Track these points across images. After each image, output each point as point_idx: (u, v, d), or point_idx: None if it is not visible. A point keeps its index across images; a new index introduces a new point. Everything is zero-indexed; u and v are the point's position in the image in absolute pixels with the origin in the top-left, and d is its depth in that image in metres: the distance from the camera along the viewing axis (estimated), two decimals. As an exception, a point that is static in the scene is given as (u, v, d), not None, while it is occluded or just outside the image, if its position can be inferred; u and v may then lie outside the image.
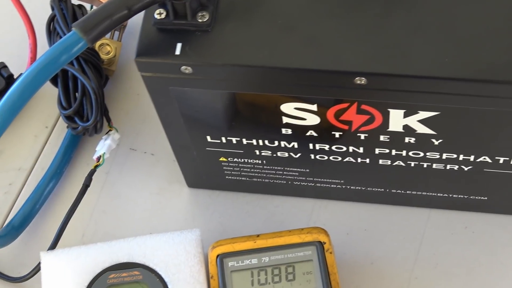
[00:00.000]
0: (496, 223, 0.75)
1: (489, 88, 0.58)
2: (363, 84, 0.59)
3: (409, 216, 0.76)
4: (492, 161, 0.67)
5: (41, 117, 0.84)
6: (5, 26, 0.88)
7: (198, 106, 0.66)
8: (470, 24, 0.59)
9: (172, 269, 0.70)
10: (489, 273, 0.73)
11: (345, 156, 0.70)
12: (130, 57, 0.85)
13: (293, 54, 0.59)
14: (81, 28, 0.58)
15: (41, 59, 0.59)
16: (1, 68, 0.82)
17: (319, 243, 0.70)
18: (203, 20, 0.61)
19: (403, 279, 0.74)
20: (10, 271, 0.76)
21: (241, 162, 0.73)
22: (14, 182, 0.81)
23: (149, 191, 0.80)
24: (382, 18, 0.60)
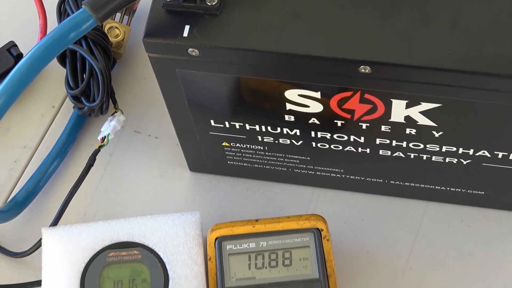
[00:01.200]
0: (492, 218, 0.75)
1: (492, 81, 0.58)
2: (367, 73, 0.59)
3: (406, 208, 0.76)
4: (491, 155, 0.67)
5: (48, 96, 0.84)
6: (16, 6, 0.87)
7: (203, 89, 0.65)
8: (476, 18, 0.59)
9: (171, 249, 0.70)
10: (483, 267, 0.73)
11: (346, 145, 0.69)
12: (138, 42, 0.85)
13: (300, 41, 0.59)
14: (91, 5, 0.58)
15: (50, 35, 0.58)
16: (11, 47, 0.82)
17: (316, 230, 0.69)
18: (212, 3, 0.60)
19: (398, 269, 0.73)
20: (12, 246, 0.76)
21: (243, 147, 0.72)
22: (19, 159, 0.81)
23: (151, 173, 0.79)
24: (389, 10, 0.59)
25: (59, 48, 0.59)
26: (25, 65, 0.59)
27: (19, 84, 0.59)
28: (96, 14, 0.58)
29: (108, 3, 0.58)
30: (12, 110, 0.61)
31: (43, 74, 0.67)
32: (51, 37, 0.58)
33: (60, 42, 0.58)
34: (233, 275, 0.68)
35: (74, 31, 0.58)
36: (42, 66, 0.59)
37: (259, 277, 0.68)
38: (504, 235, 0.74)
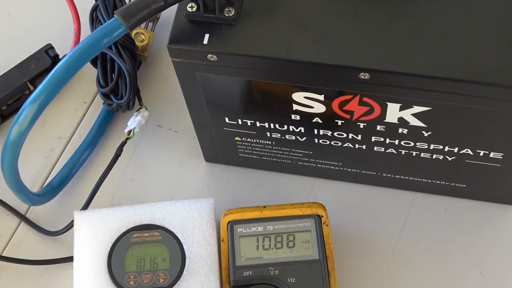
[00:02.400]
0: (472, 207, 0.74)
1: (477, 89, 0.57)
2: (366, 79, 0.59)
3: (396, 197, 0.75)
4: (473, 153, 0.66)
5: (81, 93, 0.83)
6: (53, 12, 0.87)
7: (219, 90, 0.65)
8: (465, 31, 0.58)
9: (187, 231, 0.69)
10: (464, 251, 0.73)
11: (345, 142, 0.69)
12: (161, 46, 0.84)
13: (307, 49, 0.59)
14: (122, 15, 0.57)
15: (86, 41, 0.58)
16: (49, 49, 0.81)
17: (317, 216, 0.69)
18: (229, 15, 0.60)
19: (388, 251, 0.73)
20: (47, 225, 0.76)
21: (253, 142, 0.72)
22: (54, 148, 0.80)
23: (171, 163, 0.79)
24: (387, 22, 0.59)
25: (93, 52, 0.58)
26: (63, 67, 0.58)
27: (57, 83, 0.59)
28: (127, 23, 0.57)
29: (137, 13, 0.57)
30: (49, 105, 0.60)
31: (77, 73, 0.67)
32: (86, 42, 0.58)
33: (94, 47, 0.58)
34: (243, 255, 0.68)
35: (106, 37, 0.58)
36: (78, 68, 0.59)
37: (266, 257, 0.67)
38: (482, 223, 0.74)
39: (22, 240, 0.75)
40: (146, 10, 0.57)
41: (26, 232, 0.76)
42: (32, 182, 0.78)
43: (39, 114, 0.59)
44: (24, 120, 0.59)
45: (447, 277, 0.71)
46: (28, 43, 0.83)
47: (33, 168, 0.79)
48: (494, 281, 0.71)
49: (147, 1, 0.57)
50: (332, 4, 0.60)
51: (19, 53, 0.82)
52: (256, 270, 0.67)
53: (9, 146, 0.60)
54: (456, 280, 0.71)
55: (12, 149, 0.60)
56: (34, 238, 0.75)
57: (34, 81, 0.80)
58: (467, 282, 0.71)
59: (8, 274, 0.74)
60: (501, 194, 0.73)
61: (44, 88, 0.58)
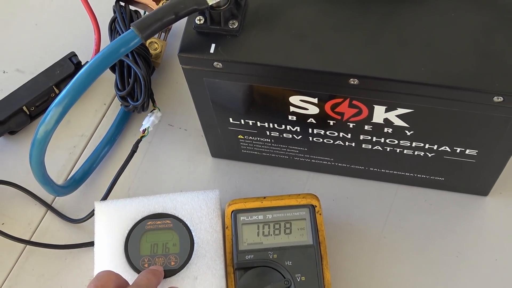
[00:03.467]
0: (450, 198, 0.74)
1: (455, 93, 0.57)
2: (355, 84, 0.58)
3: (382, 189, 0.75)
4: (451, 150, 0.66)
5: (101, 96, 0.83)
6: (76, 24, 0.86)
7: (224, 94, 0.64)
8: (444, 42, 0.58)
9: (196, 220, 0.69)
10: (442, 237, 0.72)
11: (336, 140, 0.68)
12: (173, 54, 0.83)
13: (302, 57, 0.58)
14: (138, 27, 0.57)
15: (105, 50, 0.58)
16: (72, 56, 0.81)
17: (311, 206, 0.69)
18: (233, 26, 0.59)
19: (374, 237, 0.73)
20: (71, 214, 0.76)
21: (254, 139, 0.72)
22: (77, 145, 0.80)
23: (181, 158, 0.78)
24: (374, 33, 0.59)
25: (112, 60, 0.58)
26: (85, 73, 0.58)
27: (79, 88, 0.58)
28: (142, 34, 0.57)
29: (152, 25, 0.57)
30: (72, 107, 0.60)
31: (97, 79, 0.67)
32: (105, 51, 0.57)
33: (112, 55, 0.58)
34: (245, 240, 0.67)
35: (123, 47, 0.57)
36: (98, 74, 0.58)
37: (266, 242, 0.67)
38: (459, 212, 0.73)
39: (48, 227, 0.75)
40: (159, 22, 0.57)
41: (52, 220, 0.75)
42: (57, 175, 0.78)
43: (63, 115, 0.59)
44: (50, 121, 0.59)
45: (427, 260, 0.71)
46: (54, 51, 0.83)
47: (59, 163, 0.79)
48: (469, 264, 0.71)
49: (159, 15, 0.57)
50: (325, 17, 0.60)
51: (46, 60, 0.82)
52: (257, 254, 0.66)
53: (37, 144, 0.60)
54: (435, 262, 0.71)
55: (39, 147, 0.60)
56: (59, 225, 0.75)
57: (59, 85, 0.80)
58: (445, 264, 0.71)
59: (36, 257, 0.73)
60: (476, 186, 0.72)
61: (67, 93, 0.58)
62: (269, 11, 0.60)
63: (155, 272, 0.64)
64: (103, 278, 0.59)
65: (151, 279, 0.62)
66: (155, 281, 0.62)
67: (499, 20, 0.58)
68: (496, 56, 0.57)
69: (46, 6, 0.89)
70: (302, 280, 0.65)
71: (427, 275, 0.70)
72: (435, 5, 0.59)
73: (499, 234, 0.72)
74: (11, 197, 0.76)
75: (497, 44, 0.57)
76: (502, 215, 0.73)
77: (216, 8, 0.58)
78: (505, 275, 0.70)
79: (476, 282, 0.70)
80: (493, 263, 0.70)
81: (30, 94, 0.79)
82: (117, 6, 0.79)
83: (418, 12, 0.59)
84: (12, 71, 0.85)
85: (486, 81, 0.56)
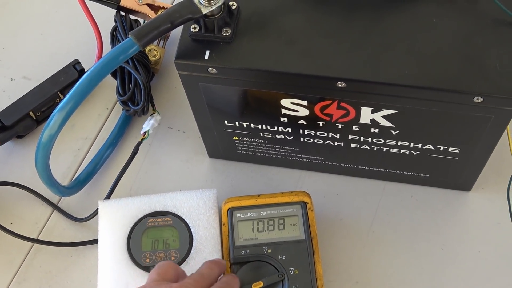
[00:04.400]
0: (435, 194, 0.74)
1: (437, 94, 0.57)
2: (342, 87, 0.58)
3: (370, 186, 0.75)
4: (435, 148, 0.66)
5: (103, 101, 0.82)
6: (79, 33, 0.86)
7: (219, 98, 0.64)
8: (426, 46, 0.58)
9: (194, 217, 0.69)
10: (427, 231, 0.72)
11: (326, 140, 0.68)
12: (171, 60, 0.83)
13: (292, 62, 0.58)
14: (136, 35, 0.57)
15: (105, 58, 0.57)
16: (76, 64, 0.81)
17: (303, 203, 0.69)
18: (226, 34, 0.59)
19: (364, 231, 0.72)
20: (76, 213, 0.75)
21: (249, 140, 0.71)
22: (81, 147, 0.80)
23: (180, 159, 0.78)
24: (361, 39, 0.59)
25: (111, 67, 0.58)
26: (87, 80, 0.58)
27: (81, 94, 0.58)
28: (139, 42, 0.57)
29: (149, 33, 0.57)
30: (76, 111, 0.60)
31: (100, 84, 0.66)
32: (105, 59, 0.57)
33: (112, 63, 0.58)
34: (241, 236, 0.67)
35: (122, 55, 0.57)
36: (99, 81, 0.58)
37: (260, 238, 0.67)
38: (443, 206, 0.73)
39: (54, 226, 0.75)
40: (156, 31, 0.57)
41: (58, 219, 0.75)
42: (62, 176, 0.77)
43: (66, 120, 0.59)
44: (54, 125, 0.59)
45: (413, 253, 0.71)
46: (59, 59, 0.83)
47: (64, 165, 0.78)
48: (453, 256, 0.70)
49: (156, 24, 0.56)
50: (314, 24, 0.60)
51: (51, 67, 0.82)
52: (252, 249, 0.66)
53: (41, 147, 0.60)
54: (421, 255, 0.71)
55: (44, 150, 0.60)
56: (65, 224, 0.75)
57: (63, 91, 0.80)
58: (430, 257, 0.70)
59: (43, 254, 0.73)
60: (459, 182, 0.72)
61: (70, 98, 0.58)
62: (260, 19, 0.60)
63: (217, 262, 0.62)
64: (164, 266, 0.58)
65: (214, 269, 0.61)
66: (217, 271, 0.61)
67: (478, 25, 0.58)
68: (475, 59, 0.56)
69: (51, 16, 0.89)
70: (295, 273, 0.65)
71: (414, 267, 0.70)
72: (417, 11, 0.59)
73: (482, 227, 0.72)
74: (19, 198, 0.76)
75: (476, 47, 0.57)
76: (485, 209, 0.73)
77: (210, 16, 0.58)
78: (487, 266, 0.70)
79: (460, 273, 0.70)
80: (476, 255, 0.70)
81: (36, 100, 0.78)
82: (117, 15, 0.79)
83: (401, 18, 0.59)
84: (19, 78, 0.84)
85: (466, 82, 0.56)
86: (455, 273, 0.70)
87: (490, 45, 0.57)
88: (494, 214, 0.72)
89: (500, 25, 0.58)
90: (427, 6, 0.59)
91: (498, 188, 0.73)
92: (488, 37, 0.57)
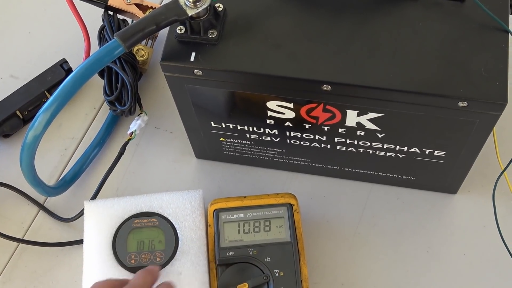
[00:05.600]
0: (421, 196, 0.74)
1: (421, 98, 0.57)
2: (328, 90, 0.58)
3: (356, 188, 0.75)
4: (420, 152, 0.66)
5: (91, 101, 0.82)
6: (67, 32, 0.86)
7: (205, 99, 0.64)
8: (411, 50, 0.58)
9: (180, 218, 0.69)
10: (414, 233, 0.72)
11: (312, 142, 0.68)
12: (159, 60, 0.82)
13: (278, 65, 0.58)
14: (121, 37, 0.57)
15: (90, 59, 0.57)
16: (63, 63, 0.81)
17: (289, 205, 0.69)
18: (212, 36, 0.59)
19: (349, 233, 0.73)
20: (62, 213, 0.75)
21: (235, 142, 0.71)
22: (68, 147, 0.80)
23: (167, 159, 0.78)
24: (346, 43, 0.59)
25: (97, 68, 0.58)
26: (72, 81, 0.58)
27: (66, 94, 0.58)
28: (125, 44, 0.57)
29: (134, 35, 0.57)
30: (63, 110, 0.59)
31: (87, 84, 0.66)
32: (90, 59, 0.57)
33: (97, 63, 0.57)
34: (226, 237, 0.67)
35: (107, 56, 0.57)
36: (84, 81, 0.58)
37: (246, 240, 0.67)
38: (429, 209, 0.73)
39: (40, 226, 0.75)
40: (141, 33, 0.57)
41: (44, 219, 0.75)
42: (49, 176, 0.77)
43: (51, 120, 0.59)
44: (38, 126, 0.58)
45: (399, 255, 0.71)
46: (46, 58, 0.82)
47: (50, 164, 0.78)
48: (438, 259, 0.71)
49: (141, 26, 0.56)
50: (299, 27, 0.60)
51: (38, 66, 0.82)
52: (238, 251, 0.66)
53: (26, 148, 0.60)
54: (407, 257, 0.71)
55: (29, 151, 0.60)
56: (51, 224, 0.75)
57: (50, 90, 0.80)
58: (416, 259, 0.71)
59: (29, 254, 0.73)
60: (445, 185, 0.72)
61: (54, 99, 0.58)
62: (246, 21, 0.60)
63: (151, 271, 0.62)
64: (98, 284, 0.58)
65: (147, 278, 0.60)
66: (150, 280, 0.61)
67: (463, 29, 0.58)
68: (460, 63, 0.57)
69: (39, 15, 0.89)
70: (280, 275, 0.65)
71: (399, 269, 0.70)
72: (403, 15, 0.59)
73: (467, 230, 0.72)
74: (5, 197, 0.76)
75: (461, 52, 0.57)
76: (470, 212, 0.73)
77: (195, 18, 0.58)
78: (473, 269, 0.70)
79: (446, 275, 0.70)
80: (461, 257, 0.71)
81: (23, 99, 0.78)
82: (105, 15, 0.79)
83: (387, 22, 0.59)
84: (6, 77, 0.84)
85: (451, 87, 0.56)
86: (440, 276, 0.70)
87: (476, 49, 0.57)
88: (479, 217, 0.72)
89: (486, 30, 0.58)
90: (413, 10, 0.60)
91: (484, 191, 0.73)
92: (474, 42, 0.58)
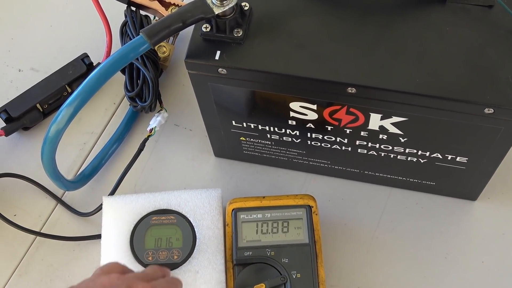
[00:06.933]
0: (440, 202, 0.74)
1: (446, 104, 0.57)
2: (353, 93, 0.58)
3: (375, 192, 0.75)
4: (442, 157, 0.66)
5: (111, 96, 0.82)
6: (89, 26, 0.86)
7: (228, 98, 0.64)
8: (438, 55, 0.58)
9: (198, 216, 0.69)
10: (431, 239, 0.72)
11: (333, 144, 0.68)
12: (180, 57, 0.83)
13: (302, 66, 0.58)
14: (147, 34, 0.57)
15: (115, 55, 0.58)
16: (84, 57, 0.81)
17: (308, 206, 0.69)
18: (238, 35, 0.59)
19: (367, 237, 0.72)
20: (80, 207, 0.75)
21: (256, 141, 0.71)
22: (87, 142, 0.80)
23: (186, 157, 0.78)
24: (371, 44, 0.59)
25: (122, 64, 0.58)
26: (96, 76, 0.58)
27: (90, 90, 0.59)
28: (150, 40, 0.57)
29: (160, 32, 0.57)
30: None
31: (107, 79, 0.67)
32: (115, 55, 0.57)
33: (122, 59, 0.58)
34: (244, 237, 0.67)
35: (133, 52, 0.57)
36: (108, 77, 0.58)
37: (264, 240, 0.67)
38: (447, 215, 0.73)
39: (58, 220, 0.75)
40: (167, 30, 0.57)
41: (62, 213, 0.75)
42: (68, 170, 0.78)
43: (74, 115, 0.59)
44: (61, 120, 0.59)
45: (417, 261, 0.71)
46: (67, 52, 0.83)
47: (69, 158, 0.78)
48: (456, 265, 0.70)
49: (168, 23, 0.56)
50: (325, 28, 0.60)
51: (60, 60, 0.82)
52: (255, 251, 0.66)
53: (48, 141, 0.60)
54: (425, 263, 0.71)
55: (51, 144, 0.60)
56: (68, 218, 0.75)
57: (71, 84, 0.80)
58: (434, 265, 0.70)
59: (46, 248, 0.73)
60: (465, 191, 0.72)
61: (78, 94, 0.58)
62: (272, 21, 0.60)
63: (162, 268, 0.62)
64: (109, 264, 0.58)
65: (157, 271, 0.61)
66: (160, 274, 0.61)
67: (490, 35, 0.58)
68: (487, 70, 0.56)
69: (61, 9, 0.89)
70: (297, 277, 0.65)
71: (417, 275, 0.70)
72: (430, 19, 0.59)
73: (486, 238, 0.72)
74: (23, 190, 0.76)
75: (488, 58, 0.57)
76: (490, 219, 0.73)
77: (222, 17, 0.58)
78: (491, 277, 0.70)
79: (463, 283, 0.70)
80: (480, 265, 0.70)
81: (43, 92, 0.79)
82: (128, 10, 0.79)
83: (414, 25, 0.59)
84: (27, 69, 0.84)
85: (477, 93, 0.56)
86: (458, 283, 0.70)
87: (503, 56, 0.57)
88: (499, 225, 0.72)
89: (514, 36, 0.58)
90: (440, 14, 0.59)
91: (504, 199, 0.73)
92: (501, 48, 0.57)
